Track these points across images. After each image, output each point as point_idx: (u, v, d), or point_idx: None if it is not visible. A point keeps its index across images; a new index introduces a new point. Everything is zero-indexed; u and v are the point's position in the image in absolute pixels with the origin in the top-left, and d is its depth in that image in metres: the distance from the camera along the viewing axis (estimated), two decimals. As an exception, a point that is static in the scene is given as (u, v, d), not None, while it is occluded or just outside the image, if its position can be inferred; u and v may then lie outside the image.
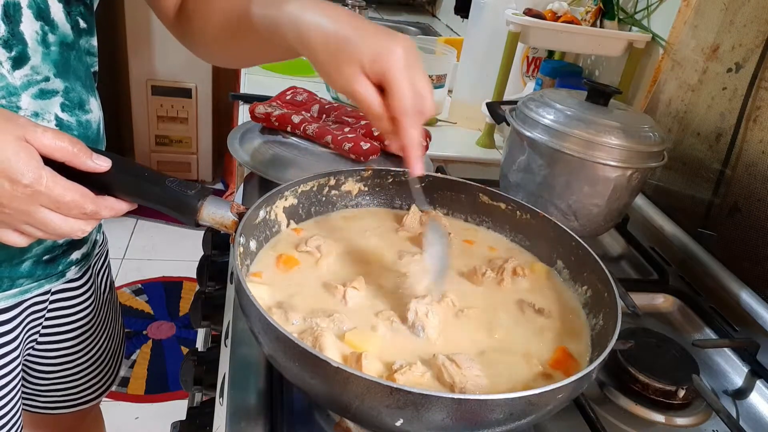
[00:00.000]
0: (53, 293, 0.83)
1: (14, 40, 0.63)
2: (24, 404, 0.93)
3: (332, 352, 0.52)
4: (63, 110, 0.70)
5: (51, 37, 0.67)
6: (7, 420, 0.80)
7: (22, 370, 0.88)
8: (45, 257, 0.76)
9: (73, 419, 1.02)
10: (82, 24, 0.72)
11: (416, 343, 0.56)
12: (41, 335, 0.86)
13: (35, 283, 0.77)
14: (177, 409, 1.86)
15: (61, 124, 0.70)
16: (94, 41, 0.76)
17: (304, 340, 0.53)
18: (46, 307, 0.83)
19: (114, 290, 1.00)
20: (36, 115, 0.67)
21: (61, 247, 0.78)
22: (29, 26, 0.64)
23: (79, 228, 0.55)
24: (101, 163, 0.54)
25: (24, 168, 0.50)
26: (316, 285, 0.62)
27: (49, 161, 0.52)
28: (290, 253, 0.66)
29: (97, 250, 0.90)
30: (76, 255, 0.82)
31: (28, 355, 0.87)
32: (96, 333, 0.93)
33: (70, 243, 0.79)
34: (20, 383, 0.83)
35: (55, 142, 0.51)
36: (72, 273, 0.83)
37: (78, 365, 0.93)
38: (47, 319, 0.85)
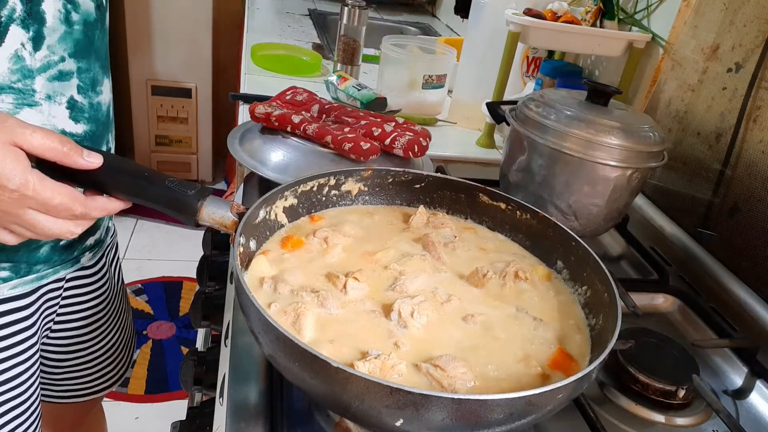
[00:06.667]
0: (68, 280, 0.85)
1: (30, 20, 0.63)
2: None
3: (309, 333, 0.54)
4: (78, 92, 0.70)
5: (74, 16, 0.67)
6: (27, 407, 0.81)
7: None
8: (62, 242, 0.77)
9: (78, 413, 1.03)
10: (104, 1, 0.73)
11: (395, 338, 0.56)
12: (55, 323, 0.87)
13: (51, 270, 0.78)
14: (177, 409, 1.86)
15: (74, 106, 0.70)
16: (107, 17, 0.76)
17: (287, 314, 0.55)
18: (61, 294, 0.85)
19: (124, 284, 1.01)
20: (49, 98, 0.67)
21: None
22: (51, 5, 0.64)
23: (68, 229, 0.55)
24: (93, 161, 0.54)
25: (10, 173, 0.50)
26: (318, 272, 0.63)
27: (42, 160, 0.52)
28: (299, 237, 0.68)
29: (109, 239, 0.92)
30: (90, 241, 0.83)
31: (42, 343, 0.88)
32: (109, 321, 0.95)
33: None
34: (39, 371, 0.84)
35: (45, 142, 0.52)
36: (86, 259, 0.84)
37: (91, 353, 0.94)
38: (61, 306, 0.86)
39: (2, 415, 0.78)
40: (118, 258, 0.99)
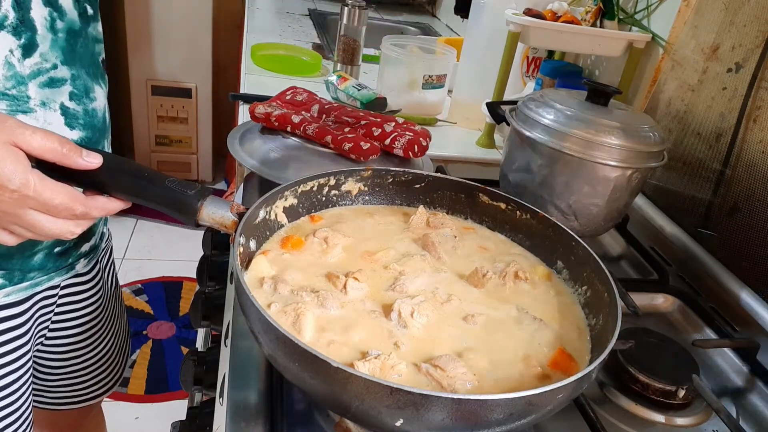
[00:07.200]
0: (62, 287, 0.84)
1: (23, 27, 0.63)
2: (32, 400, 0.94)
3: (309, 333, 0.54)
4: (71, 99, 0.70)
5: (59, 24, 0.67)
6: (19, 415, 0.81)
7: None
8: (56, 249, 0.77)
9: (76, 416, 1.02)
10: (90, 10, 0.72)
11: (395, 338, 0.56)
12: (50, 330, 0.87)
13: (45, 277, 0.77)
14: (177, 409, 1.86)
15: (67, 113, 0.70)
16: (100, 27, 0.76)
17: (287, 314, 0.55)
18: (55, 301, 0.84)
19: (119, 287, 1.01)
20: (43, 104, 0.67)
21: (71, 239, 0.78)
22: (38, 12, 0.64)
23: (68, 230, 0.55)
24: (92, 161, 0.54)
25: (11, 174, 0.50)
26: (318, 272, 0.63)
27: (41, 160, 0.52)
28: (299, 237, 0.68)
29: (103, 244, 0.91)
30: (85, 247, 0.83)
31: (37, 350, 0.87)
32: (103, 328, 0.94)
33: (80, 235, 0.80)
34: (31, 378, 0.84)
35: (44, 143, 0.51)
36: (80, 266, 0.84)
37: (86, 360, 0.94)
38: (56, 314, 0.86)
39: None
40: (113, 262, 0.98)
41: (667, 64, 1.13)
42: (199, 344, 1.53)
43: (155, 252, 2.60)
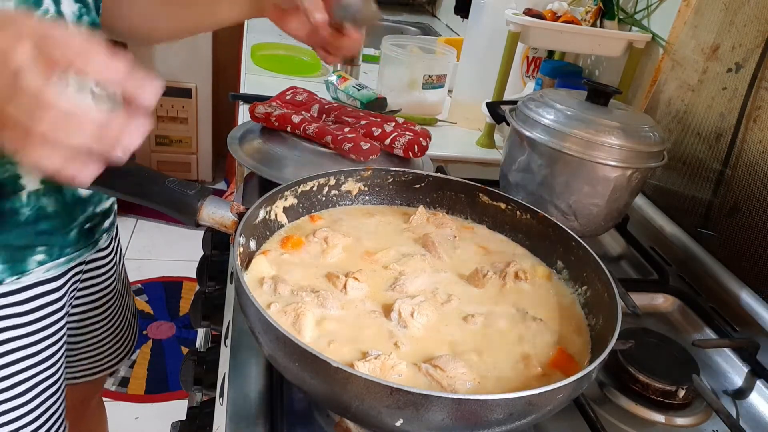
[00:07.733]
0: (87, 263, 0.88)
1: (61, 21, 0.68)
2: None
3: (309, 333, 0.54)
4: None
5: (85, 18, 0.72)
6: (57, 388, 0.83)
7: None
8: (86, 225, 0.80)
9: (79, 399, 1.05)
10: (100, 8, 0.78)
11: (395, 338, 0.56)
12: (73, 306, 0.90)
13: (77, 252, 0.80)
14: (177, 409, 1.86)
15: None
16: None
17: (287, 314, 0.55)
18: (80, 277, 0.87)
19: (123, 260, 1.05)
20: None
21: (98, 215, 0.82)
22: (68, 7, 0.69)
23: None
24: None
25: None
26: (318, 272, 0.63)
27: None
28: (299, 237, 0.68)
29: (116, 220, 0.95)
30: (106, 223, 0.87)
31: None
32: (117, 300, 0.98)
33: (103, 212, 0.84)
34: (66, 352, 0.86)
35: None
36: (102, 241, 0.87)
37: (104, 330, 0.97)
38: (79, 290, 0.89)
39: (37, 396, 0.79)
40: (119, 240, 1.02)
41: (667, 64, 1.13)
42: (199, 344, 1.53)
43: (155, 252, 2.60)
